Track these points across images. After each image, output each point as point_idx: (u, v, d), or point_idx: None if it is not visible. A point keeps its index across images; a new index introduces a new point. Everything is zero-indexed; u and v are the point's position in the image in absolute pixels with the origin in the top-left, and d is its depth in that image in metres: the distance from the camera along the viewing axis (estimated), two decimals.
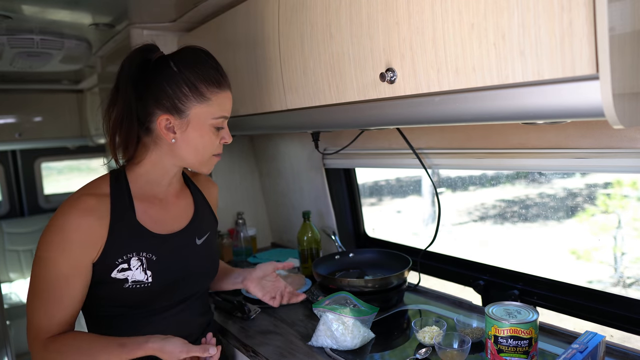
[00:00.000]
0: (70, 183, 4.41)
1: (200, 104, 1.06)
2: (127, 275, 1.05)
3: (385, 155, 1.69)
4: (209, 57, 1.11)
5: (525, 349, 1.01)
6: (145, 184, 1.13)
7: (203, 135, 1.08)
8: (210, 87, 1.07)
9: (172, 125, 1.06)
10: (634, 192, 2.50)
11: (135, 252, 1.06)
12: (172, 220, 1.17)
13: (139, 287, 1.06)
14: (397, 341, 1.32)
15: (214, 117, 1.08)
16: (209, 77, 1.07)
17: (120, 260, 1.05)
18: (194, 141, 1.08)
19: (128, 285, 1.05)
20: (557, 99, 0.73)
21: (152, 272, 1.08)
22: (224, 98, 1.10)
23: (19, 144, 3.66)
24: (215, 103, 1.08)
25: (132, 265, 1.06)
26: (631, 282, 2.58)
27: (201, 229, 1.23)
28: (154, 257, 1.09)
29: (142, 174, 1.12)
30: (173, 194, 1.20)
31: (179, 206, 1.21)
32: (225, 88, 1.11)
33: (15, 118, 3.54)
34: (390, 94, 0.99)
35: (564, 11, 0.69)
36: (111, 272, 1.04)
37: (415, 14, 0.90)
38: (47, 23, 1.84)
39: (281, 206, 2.35)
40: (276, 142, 2.25)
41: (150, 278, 1.07)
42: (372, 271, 1.70)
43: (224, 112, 1.11)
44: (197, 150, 1.09)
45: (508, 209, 3.36)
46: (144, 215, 1.11)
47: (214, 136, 1.10)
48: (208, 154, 1.11)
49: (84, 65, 2.65)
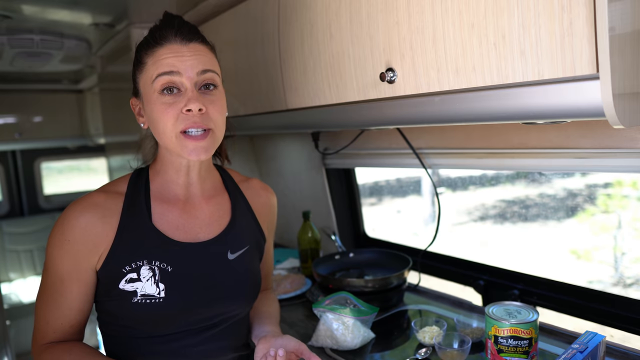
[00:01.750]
0: (70, 183, 4.40)
1: (141, 73, 0.92)
2: (137, 287, 0.90)
3: (385, 155, 1.69)
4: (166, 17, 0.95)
5: (525, 349, 1.01)
6: (163, 183, 0.99)
7: (153, 108, 0.90)
8: (146, 49, 0.91)
9: (138, 107, 0.97)
10: (634, 192, 2.50)
11: (147, 260, 0.91)
12: (198, 227, 0.99)
13: (150, 303, 0.90)
14: (397, 341, 1.32)
15: (152, 80, 0.89)
16: (146, 40, 0.92)
17: (128, 268, 0.90)
18: (151, 117, 0.91)
19: (137, 300, 0.90)
20: (557, 98, 0.73)
21: (165, 285, 0.91)
22: (163, 54, 0.89)
23: (19, 144, 3.66)
24: (151, 63, 0.89)
25: (142, 275, 0.90)
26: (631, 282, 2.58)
27: (237, 242, 1.03)
28: (169, 268, 0.92)
29: (158, 171, 0.99)
30: (202, 197, 1.02)
31: (209, 212, 1.02)
32: (164, 42, 0.89)
33: (15, 118, 3.54)
34: (390, 94, 0.99)
35: (564, 11, 0.69)
36: (119, 282, 0.90)
37: (415, 14, 0.90)
38: (47, 23, 1.84)
39: (281, 206, 2.35)
40: (276, 142, 2.25)
41: (163, 292, 0.90)
42: (372, 271, 1.70)
43: (160, 68, 0.88)
44: (157, 128, 0.91)
45: (508, 209, 3.36)
46: (161, 219, 0.96)
47: (164, 105, 0.88)
48: (170, 131, 0.89)
49: (84, 65, 2.65)
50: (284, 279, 1.74)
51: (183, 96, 0.89)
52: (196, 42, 0.92)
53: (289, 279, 1.74)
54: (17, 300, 3.49)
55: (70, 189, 4.29)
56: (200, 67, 0.90)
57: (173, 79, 0.88)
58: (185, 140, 0.89)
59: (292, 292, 1.66)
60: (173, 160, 0.97)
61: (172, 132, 0.89)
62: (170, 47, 0.89)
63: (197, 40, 0.93)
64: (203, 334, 0.97)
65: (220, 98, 0.96)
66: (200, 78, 0.90)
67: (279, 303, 1.26)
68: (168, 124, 0.88)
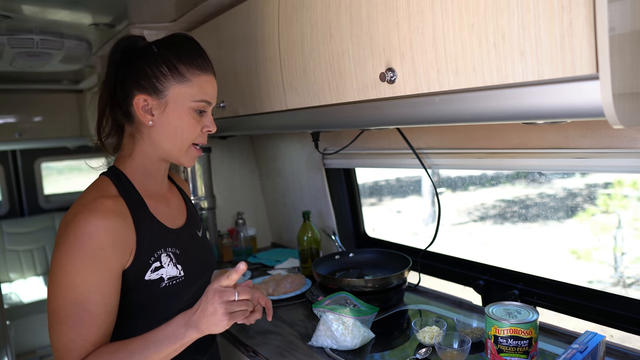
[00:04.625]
0: (70, 183, 4.41)
1: (180, 84, 1.02)
2: (161, 273, 1.02)
3: (385, 155, 1.69)
4: (192, 42, 1.07)
5: (525, 349, 1.01)
6: (143, 179, 1.08)
7: (182, 118, 1.02)
8: (191, 69, 1.03)
9: (150, 106, 1.02)
10: (634, 192, 2.50)
11: (163, 248, 1.04)
12: (175, 214, 1.14)
13: (175, 283, 1.04)
14: (397, 341, 1.32)
15: (194, 99, 1.03)
16: (190, 59, 1.03)
17: (152, 258, 1.01)
18: (172, 124, 1.02)
19: (165, 284, 1.01)
20: (557, 99, 0.73)
21: (182, 265, 1.06)
22: (206, 82, 1.05)
23: (19, 144, 3.66)
24: (196, 84, 1.03)
25: (163, 262, 1.02)
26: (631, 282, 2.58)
27: (197, 222, 1.23)
28: (178, 251, 1.07)
29: (137, 168, 1.07)
30: (168, 190, 1.18)
31: (175, 201, 1.18)
32: (208, 72, 1.06)
33: (15, 118, 3.54)
34: (390, 94, 0.99)
35: (564, 11, 0.69)
36: (144, 274, 0.99)
37: (415, 14, 0.90)
38: (47, 23, 1.84)
39: (281, 206, 2.35)
40: (276, 142, 2.25)
41: (182, 272, 1.05)
42: (372, 271, 1.70)
43: (205, 95, 1.04)
44: (175, 134, 1.03)
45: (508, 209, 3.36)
46: (156, 211, 1.07)
47: (194, 121, 1.04)
48: (187, 141, 1.05)
49: (84, 65, 2.65)
50: (284, 279, 1.74)
51: (205, 118, 1.07)
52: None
53: (289, 279, 1.74)
54: (17, 300, 3.49)
55: (70, 189, 4.29)
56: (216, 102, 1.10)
57: (207, 107, 1.06)
58: (194, 151, 1.08)
59: (292, 292, 1.66)
60: (153, 157, 1.07)
61: (189, 142, 1.05)
62: (210, 78, 1.07)
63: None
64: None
65: None
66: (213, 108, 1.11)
67: None
68: (191, 136, 1.05)
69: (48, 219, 4.00)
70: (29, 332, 3.14)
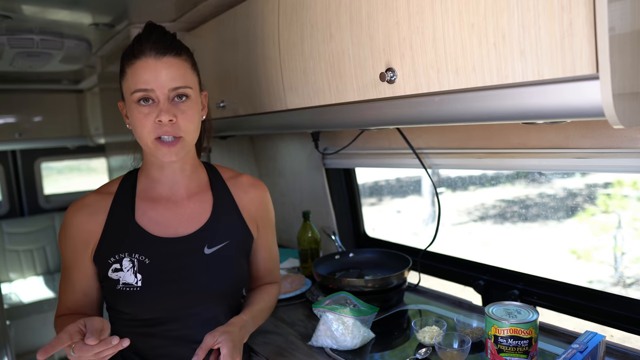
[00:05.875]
0: (70, 183, 4.41)
1: (123, 81, 1.00)
2: (119, 276, 1.03)
3: (385, 155, 1.69)
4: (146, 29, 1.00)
5: (525, 349, 1.01)
6: (149, 183, 1.09)
7: (132, 115, 0.99)
8: (126, 59, 0.99)
9: (124, 110, 1.05)
10: (634, 192, 2.50)
11: (127, 252, 1.03)
12: (178, 223, 1.07)
13: (130, 291, 1.02)
14: (397, 341, 1.32)
15: (131, 91, 0.97)
16: (128, 49, 0.99)
17: (112, 259, 1.03)
18: (132, 123, 1.01)
19: (119, 287, 1.03)
20: (557, 98, 0.73)
21: (143, 275, 1.02)
22: (139, 68, 0.96)
23: (19, 144, 3.66)
24: (130, 75, 0.97)
25: (123, 266, 1.03)
26: (631, 282, 2.58)
27: (215, 237, 1.09)
28: (147, 260, 1.03)
29: (143, 171, 1.10)
30: (185, 195, 1.10)
31: (191, 209, 1.09)
32: (141, 55, 0.96)
33: (15, 118, 3.54)
34: (390, 94, 0.99)
35: (564, 11, 0.69)
36: (107, 271, 1.04)
37: (415, 14, 0.90)
38: (47, 23, 1.84)
39: (281, 206, 2.35)
40: (276, 142, 2.25)
41: (140, 282, 1.02)
42: (372, 271, 1.70)
43: (138, 84, 0.96)
44: (136, 133, 1.01)
45: (508, 209, 3.36)
46: (144, 216, 1.06)
47: (141, 114, 0.97)
48: (145, 137, 0.98)
49: (84, 65, 2.65)
50: (284, 279, 1.74)
51: (157, 107, 0.97)
52: (170, 55, 0.98)
53: (289, 279, 1.74)
54: (17, 300, 3.48)
55: (70, 189, 4.29)
56: (171, 85, 0.97)
57: (148, 94, 0.97)
58: (160, 146, 0.99)
59: (292, 292, 1.66)
60: (154, 160, 1.07)
61: (147, 138, 0.98)
62: (145, 62, 0.96)
63: (170, 53, 0.98)
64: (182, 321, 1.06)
65: (192, 107, 1.02)
66: (172, 93, 0.98)
67: (273, 295, 1.26)
68: (144, 131, 0.98)
69: (48, 219, 4.00)
70: (29, 332, 3.14)
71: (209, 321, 1.08)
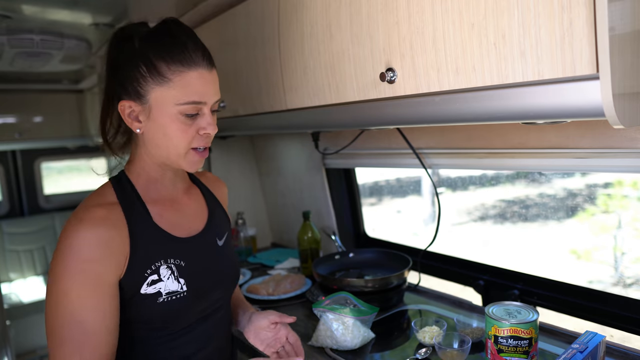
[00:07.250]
0: (70, 183, 4.41)
1: (160, 87, 0.88)
2: (159, 287, 0.92)
3: (385, 155, 1.69)
4: (178, 31, 0.92)
5: (525, 349, 1.01)
6: (148, 184, 1.00)
7: (168, 125, 0.90)
8: (172, 66, 0.88)
9: (136, 112, 0.92)
10: (634, 192, 2.50)
11: (163, 259, 0.94)
12: (188, 222, 1.04)
13: (175, 299, 0.93)
14: (397, 341, 1.32)
15: (178, 102, 0.89)
16: (171, 54, 0.88)
17: (149, 271, 0.91)
18: (160, 130, 0.91)
19: (162, 299, 0.92)
20: (557, 98, 0.73)
21: (185, 279, 0.95)
22: (194, 79, 0.89)
23: (19, 144, 3.66)
24: (179, 85, 0.88)
25: (162, 275, 0.92)
26: (631, 282, 2.58)
27: (220, 230, 1.10)
28: (183, 263, 0.96)
29: (140, 173, 0.99)
30: (183, 194, 1.07)
31: (192, 207, 1.07)
32: (197, 67, 0.90)
33: (15, 118, 3.54)
34: (390, 94, 0.99)
35: (564, 11, 0.69)
36: (140, 287, 0.90)
37: (415, 13, 0.90)
38: (47, 23, 1.84)
39: (281, 206, 2.35)
40: (276, 142, 2.25)
41: (185, 286, 0.94)
42: (372, 271, 1.70)
43: (192, 96, 0.89)
44: (165, 141, 0.92)
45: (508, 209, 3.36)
46: (161, 219, 0.98)
47: (184, 126, 0.90)
48: (182, 147, 0.92)
49: (84, 65, 2.65)
50: (284, 279, 1.74)
51: (201, 119, 0.93)
52: (214, 66, 0.95)
53: (289, 279, 1.74)
54: (17, 300, 3.49)
55: (70, 189, 4.29)
56: (217, 97, 0.95)
57: (200, 107, 0.92)
58: (193, 155, 0.95)
59: (292, 292, 1.66)
60: (157, 164, 0.98)
61: (185, 148, 0.93)
62: (199, 73, 0.90)
63: (214, 64, 0.95)
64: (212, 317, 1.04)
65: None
66: (215, 105, 0.96)
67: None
68: (184, 142, 0.92)
69: (48, 219, 4.01)
70: (29, 332, 3.14)
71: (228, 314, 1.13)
